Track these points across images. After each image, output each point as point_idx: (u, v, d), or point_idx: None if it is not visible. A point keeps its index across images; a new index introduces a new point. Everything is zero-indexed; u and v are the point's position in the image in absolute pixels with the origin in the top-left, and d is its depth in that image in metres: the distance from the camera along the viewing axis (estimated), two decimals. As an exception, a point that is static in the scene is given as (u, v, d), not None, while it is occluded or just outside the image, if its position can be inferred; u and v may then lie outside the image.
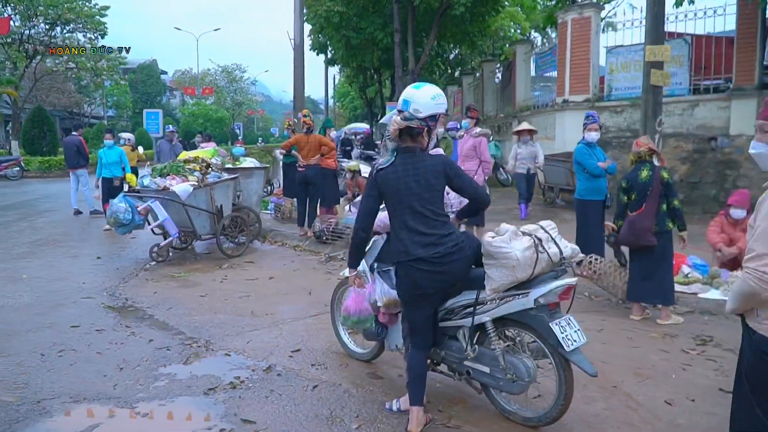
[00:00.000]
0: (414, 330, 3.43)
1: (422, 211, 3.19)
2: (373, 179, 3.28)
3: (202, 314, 5.66)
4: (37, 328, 5.21)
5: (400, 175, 3.21)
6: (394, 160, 3.25)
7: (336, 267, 7.75)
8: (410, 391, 3.40)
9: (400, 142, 3.27)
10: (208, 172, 8.17)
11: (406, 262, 3.21)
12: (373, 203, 3.30)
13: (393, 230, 3.32)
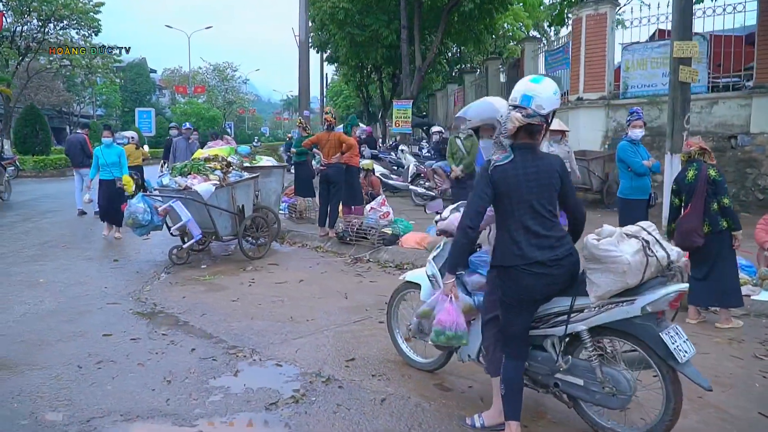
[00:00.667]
0: (510, 339, 3.19)
1: (541, 210, 3.00)
2: (488, 176, 3.04)
3: (238, 320, 5.37)
4: (68, 337, 4.90)
5: (520, 172, 2.99)
6: (513, 156, 3.01)
7: (364, 269, 7.50)
8: (507, 405, 3.15)
9: (516, 139, 3.03)
10: (229, 171, 7.86)
11: (519, 266, 2.97)
12: (486, 201, 3.06)
13: (505, 231, 3.07)
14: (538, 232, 2.98)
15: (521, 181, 2.99)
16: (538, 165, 3.02)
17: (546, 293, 3.08)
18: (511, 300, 3.09)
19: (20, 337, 4.87)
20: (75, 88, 54.73)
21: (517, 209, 3.00)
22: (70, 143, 12.07)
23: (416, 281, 4.10)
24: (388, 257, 7.89)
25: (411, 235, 8.30)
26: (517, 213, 3.00)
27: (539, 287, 3.02)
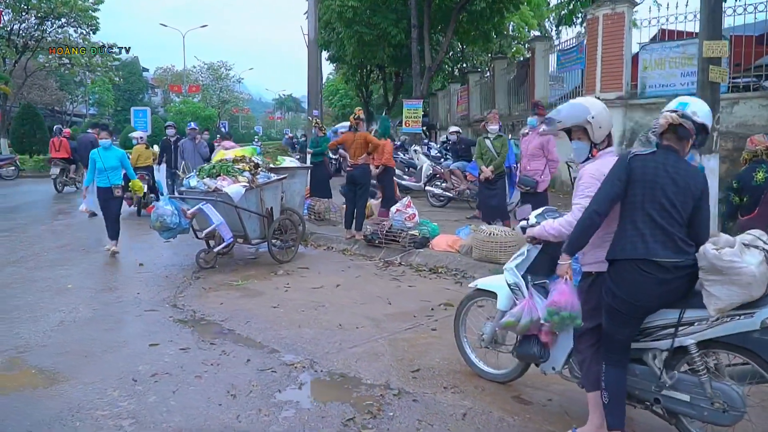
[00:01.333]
0: (614, 347, 3.04)
1: (672, 211, 2.88)
2: (626, 164, 2.96)
3: (286, 328, 5.18)
4: (113, 348, 4.69)
5: (660, 167, 2.92)
6: (655, 151, 2.96)
7: (398, 273, 7.32)
8: (611, 415, 3.02)
9: (663, 140, 2.98)
10: (258, 172, 7.65)
11: (637, 265, 2.86)
12: (619, 188, 2.95)
13: (629, 223, 2.96)
14: (666, 229, 2.87)
15: (660, 175, 2.91)
16: (679, 168, 2.93)
17: (660, 304, 2.94)
18: (622, 306, 2.95)
19: (63, 348, 4.66)
20: (68, 87, 54.15)
21: (648, 201, 2.90)
22: (81, 143, 11.83)
23: (490, 289, 3.93)
24: (421, 260, 7.72)
25: (442, 238, 8.13)
26: (648, 206, 2.90)
27: (656, 294, 2.89)
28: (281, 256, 7.81)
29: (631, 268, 2.89)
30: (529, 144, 7.61)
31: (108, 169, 8.01)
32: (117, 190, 8.12)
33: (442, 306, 5.85)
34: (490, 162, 8.32)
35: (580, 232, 3.04)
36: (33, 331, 5.03)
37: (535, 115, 7.61)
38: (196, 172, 7.66)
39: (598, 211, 2.97)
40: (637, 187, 2.93)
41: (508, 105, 19.92)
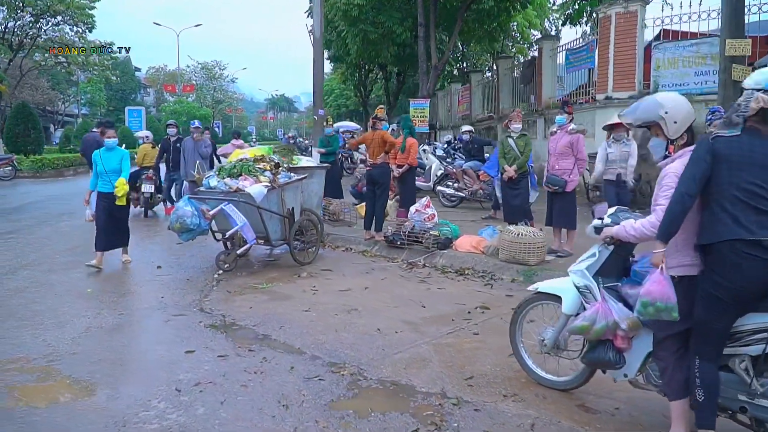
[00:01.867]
0: (709, 339, 2.90)
1: (763, 194, 2.75)
2: (709, 145, 2.85)
3: (323, 333, 4.99)
4: (148, 355, 4.51)
5: (745, 147, 2.81)
6: (740, 133, 2.83)
7: (423, 274, 7.15)
8: (702, 414, 2.89)
9: (749, 121, 2.84)
10: (279, 171, 7.46)
11: (737, 247, 2.73)
12: (705, 168, 2.83)
13: (716, 206, 2.83)
14: (759, 209, 2.73)
15: (745, 155, 2.79)
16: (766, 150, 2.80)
17: (764, 289, 2.77)
18: (724, 293, 2.79)
19: (96, 356, 4.45)
20: (60, 87, 53.58)
21: (735, 185, 2.78)
22: (87, 143, 11.53)
23: (554, 293, 3.75)
24: (446, 262, 7.56)
25: (465, 239, 7.97)
26: (735, 189, 2.78)
27: (760, 277, 2.73)
28: (302, 258, 7.62)
29: (732, 250, 2.75)
30: (557, 143, 7.45)
31: (109, 172, 7.17)
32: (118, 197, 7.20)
33: (477, 309, 5.68)
34: (514, 161, 8.18)
35: (672, 218, 2.88)
36: (60, 338, 4.82)
37: (564, 113, 7.44)
38: (216, 171, 7.45)
39: (689, 192, 2.83)
40: (723, 168, 2.81)
41: (512, 104, 19.82)
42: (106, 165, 7.21)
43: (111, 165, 7.22)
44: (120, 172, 7.21)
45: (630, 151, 7.44)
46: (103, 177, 7.23)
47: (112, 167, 7.20)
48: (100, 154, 7.31)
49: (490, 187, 12.10)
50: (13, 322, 5.21)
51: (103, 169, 7.21)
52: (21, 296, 6.08)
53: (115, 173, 7.18)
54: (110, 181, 7.15)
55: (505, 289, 6.45)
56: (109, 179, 7.16)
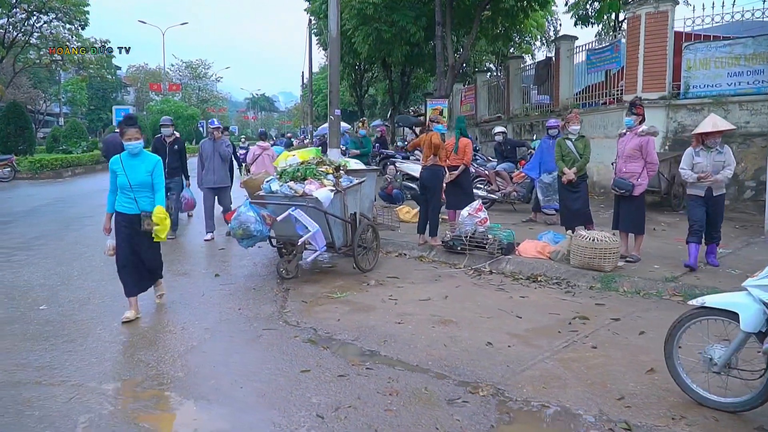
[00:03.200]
0: None
1: None
2: None
3: (432, 348, 4.71)
4: (262, 375, 4.16)
5: None
6: None
7: (496, 281, 6.88)
8: None
9: None
10: (341, 175, 7.14)
11: None
12: None
13: None
14: None
15: None
16: None
17: None
18: None
19: (206, 377, 4.10)
20: (41, 85, 52.31)
21: None
22: (109, 144, 11.03)
23: (728, 308, 3.50)
24: (513, 268, 7.31)
25: (529, 244, 7.74)
26: None
27: None
28: (364, 265, 7.31)
29: None
30: (625, 145, 7.25)
31: (135, 187, 5.26)
32: (147, 221, 5.24)
33: (576, 319, 5.44)
34: (573, 164, 7.97)
35: None
36: (158, 358, 4.46)
37: (632, 114, 7.24)
38: (278, 175, 7.10)
39: None
40: None
41: (522, 106, 19.71)
42: (130, 176, 5.24)
43: (137, 176, 5.27)
44: (150, 187, 5.35)
45: (725, 160, 6.59)
46: (126, 193, 5.27)
47: (138, 180, 5.27)
48: (121, 161, 5.31)
49: (524, 189, 11.92)
50: (93, 341, 4.83)
51: (126, 181, 5.23)
52: (88, 309, 5.69)
53: (143, 189, 5.30)
54: (135, 200, 5.27)
55: (587, 297, 6.22)
56: (135, 197, 5.27)
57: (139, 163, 5.31)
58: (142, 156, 5.38)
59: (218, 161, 9.51)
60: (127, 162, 5.30)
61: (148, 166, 5.34)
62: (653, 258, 7.39)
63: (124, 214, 5.31)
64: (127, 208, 5.29)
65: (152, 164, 5.36)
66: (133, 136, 5.27)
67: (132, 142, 5.27)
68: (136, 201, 5.27)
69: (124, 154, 5.36)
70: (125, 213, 5.30)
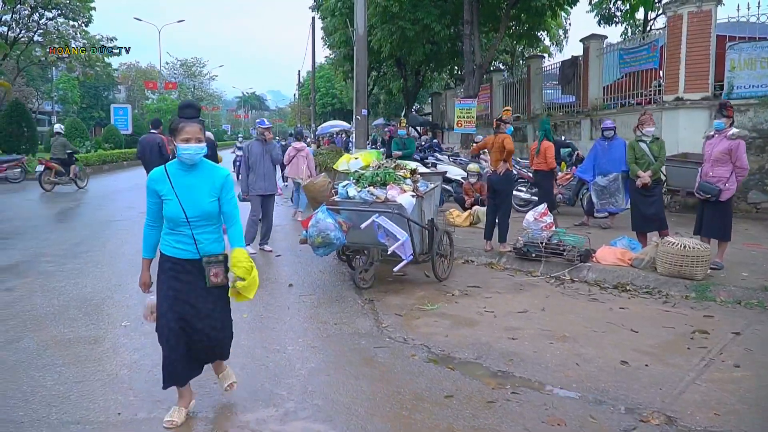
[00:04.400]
0: None
1: None
2: None
3: (564, 367, 4.39)
4: (403, 403, 3.80)
5: None
6: None
7: (583, 291, 6.59)
8: None
9: None
10: (418, 179, 6.81)
11: None
12: None
13: None
14: None
15: None
16: None
17: None
18: None
19: (350, 408, 3.73)
20: (34, 83, 51.44)
21: None
22: (145, 145, 10.55)
23: None
24: (596, 276, 7.02)
25: (607, 251, 7.44)
26: None
27: None
28: (441, 273, 6.98)
29: None
30: (713, 148, 6.97)
31: (194, 220, 3.34)
32: (215, 270, 3.39)
33: (696, 333, 5.15)
34: (647, 167, 7.68)
35: None
36: (286, 384, 4.07)
37: (723, 117, 6.95)
38: (354, 180, 6.74)
39: None
40: None
41: (542, 106, 19.46)
42: (186, 202, 3.30)
43: (197, 202, 3.33)
44: (217, 218, 3.45)
45: None
46: (178, 229, 3.35)
47: (200, 208, 3.33)
48: (168, 177, 3.34)
49: (569, 191, 11.66)
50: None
51: (178, 211, 3.29)
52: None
53: (206, 221, 3.38)
54: (194, 239, 3.34)
55: (688, 308, 5.94)
56: (193, 235, 3.34)
57: (200, 181, 3.33)
58: (202, 169, 3.38)
59: (269, 165, 8.56)
60: (180, 179, 3.31)
61: (213, 184, 3.35)
62: (735, 265, 7.15)
63: (175, 259, 3.36)
64: (180, 250, 3.36)
65: (220, 182, 3.38)
66: (192, 135, 3.26)
67: (190, 144, 3.25)
68: (196, 241, 3.33)
69: (172, 165, 3.38)
70: (176, 257, 3.36)
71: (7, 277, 6.88)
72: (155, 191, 3.35)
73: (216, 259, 3.40)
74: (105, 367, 4.25)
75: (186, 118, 3.33)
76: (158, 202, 3.36)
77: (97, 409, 3.59)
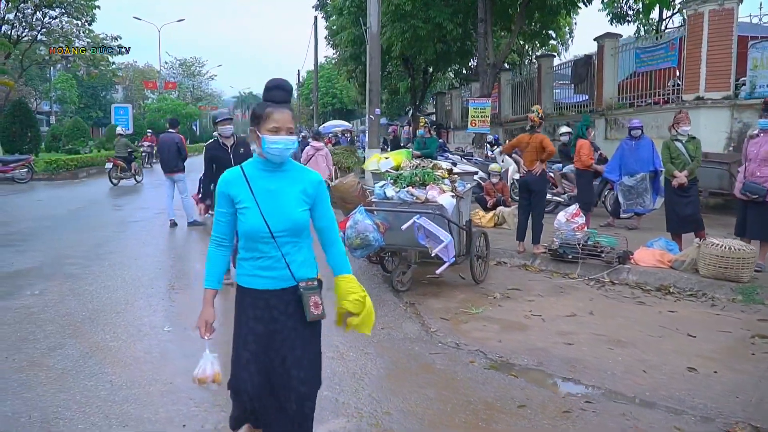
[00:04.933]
0: None
1: None
2: None
3: (630, 374, 4.24)
4: (476, 414, 3.65)
5: None
6: None
7: (625, 293, 6.44)
8: None
9: None
10: (456, 179, 6.65)
11: None
12: None
13: None
14: None
15: None
16: None
17: None
18: None
19: (422, 420, 3.57)
20: (33, 82, 51.05)
21: None
22: (163, 144, 10.37)
23: None
24: (637, 278, 6.87)
25: (646, 252, 7.30)
26: None
27: None
28: (478, 275, 6.83)
29: None
30: (760, 148, 6.83)
31: (281, 235, 2.54)
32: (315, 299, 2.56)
33: (756, 338, 5.01)
34: (683, 167, 7.55)
35: None
36: (350, 392, 3.91)
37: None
38: (391, 180, 6.58)
39: None
40: None
41: (553, 105, 19.33)
42: (270, 212, 2.53)
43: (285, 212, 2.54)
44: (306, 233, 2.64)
45: None
46: (260, 245, 2.56)
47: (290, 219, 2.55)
48: (245, 176, 2.58)
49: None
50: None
51: (260, 223, 2.52)
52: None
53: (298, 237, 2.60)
54: (285, 259, 2.55)
55: (739, 311, 5.81)
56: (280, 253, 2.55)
57: (287, 185, 2.57)
58: (290, 170, 2.61)
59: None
60: (261, 182, 2.55)
61: (304, 190, 2.58)
62: (773, 266, 7.01)
63: (257, 292, 2.57)
64: (266, 278, 2.56)
65: (313, 187, 2.60)
66: (283, 125, 2.50)
67: (280, 136, 2.49)
68: (287, 262, 2.55)
69: (251, 164, 2.60)
70: (260, 288, 2.57)
71: (33, 280, 6.69)
72: (228, 196, 2.55)
73: (314, 285, 2.57)
74: (158, 375, 4.07)
75: (274, 102, 2.54)
76: (231, 212, 2.57)
77: (161, 421, 3.42)
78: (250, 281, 2.58)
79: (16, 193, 15.76)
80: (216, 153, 6.82)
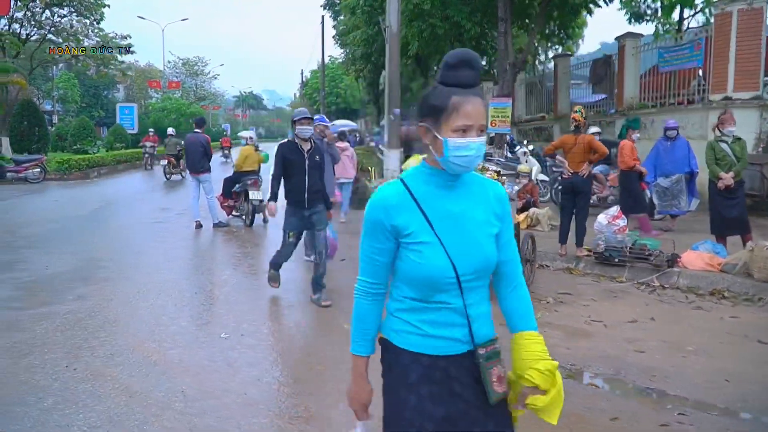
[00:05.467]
0: None
1: None
2: None
3: (717, 384, 4.09)
4: (568, 428, 3.49)
5: None
6: None
7: (680, 297, 6.30)
8: None
9: None
10: (504, 181, 6.50)
11: None
12: None
13: None
14: None
15: None
16: None
17: None
18: None
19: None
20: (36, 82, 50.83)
21: None
22: (189, 145, 10.21)
23: None
24: (689, 283, 6.72)
25: (694, 255, 7.15)
26: None
27: None
28: (527, 278, 6.67)
29: None
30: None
31: (469, 279, 1.72)
32: (498, 372, 1.77)
33: (829, 345, 4.86)
34: (729, 168, 7.40)
35: None
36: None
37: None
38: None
39: None
40: None
41: (570, 105, 19.19)
42: (453, 244, 1.71)
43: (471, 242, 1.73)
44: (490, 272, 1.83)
45: None
46: (439, 295, 1.73)
47: (480, 256, 1.74)
48: (412, 194, 1.76)
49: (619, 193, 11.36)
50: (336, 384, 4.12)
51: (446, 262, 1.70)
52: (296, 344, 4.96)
53: (481, 281, 1.79)
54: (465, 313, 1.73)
55: (801, 316, 5.66)
56: (462, 305, 1.73)
57: (471, 206, 1.78)
58: (469, 182, 1.83)
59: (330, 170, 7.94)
60: (438, 203, 1.76)
61: (490, 208, 1.81)
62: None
63: (432, 359, 1.75)
64: (442, 338, 1.75)
65: (500, 205, 1.84)
66: (476, 122, 1.69)
67: (470, 138, 1.68)
68: (468, 316, 1.75)
69: (416, 177, 1.82)
70: (435, 354, 1.75)
71: (72, 284, 6.54)
72: (390, 226, 1.74)
73: (496, 350, 1.80)
74: (228, 385, 3.91)
75: (462, 87, 1.70)
76: (392, 249, 1.77)
77: (246, 436, 3.26)
78: (418, 343, 1.75)
79: (30, 193, 15.58)
80: (291, 157, 5.79)
